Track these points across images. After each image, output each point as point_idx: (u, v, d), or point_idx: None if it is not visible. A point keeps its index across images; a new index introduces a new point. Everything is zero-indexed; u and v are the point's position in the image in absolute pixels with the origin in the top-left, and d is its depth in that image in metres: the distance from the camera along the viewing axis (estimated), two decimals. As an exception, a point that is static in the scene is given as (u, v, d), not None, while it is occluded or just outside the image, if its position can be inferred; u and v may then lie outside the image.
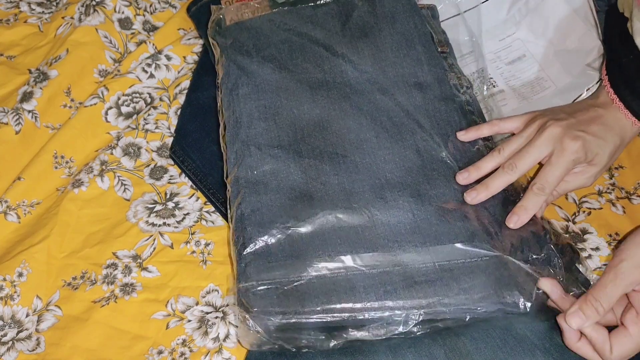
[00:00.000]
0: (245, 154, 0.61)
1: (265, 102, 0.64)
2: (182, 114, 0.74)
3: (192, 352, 0.59)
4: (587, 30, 0.75)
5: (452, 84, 0.67)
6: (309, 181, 0.59)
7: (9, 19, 0.85)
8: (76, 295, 0.62)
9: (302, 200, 0.57)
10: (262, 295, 0.52)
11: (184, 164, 0.70)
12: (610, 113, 0.61)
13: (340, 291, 0.52)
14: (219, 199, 0.67)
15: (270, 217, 0.56)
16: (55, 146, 0.72)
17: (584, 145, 0.58)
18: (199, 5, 0.79)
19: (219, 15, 0.72)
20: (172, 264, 0.64)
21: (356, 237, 0.55)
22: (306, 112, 0.63)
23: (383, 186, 0.58)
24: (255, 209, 0.57)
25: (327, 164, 0.60)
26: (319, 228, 0.56)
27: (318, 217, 0.56)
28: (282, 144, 0.61)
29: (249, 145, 0.61)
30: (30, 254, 0.64)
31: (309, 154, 0.61)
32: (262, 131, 0.62)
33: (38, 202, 0.69)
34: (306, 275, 0.53)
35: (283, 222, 0.56)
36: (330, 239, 0.55)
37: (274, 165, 0.60)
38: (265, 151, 0.61)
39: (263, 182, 0.59)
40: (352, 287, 0.52)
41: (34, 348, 0.60)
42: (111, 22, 0.81)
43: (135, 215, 0.68)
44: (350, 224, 0.56)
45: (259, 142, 0.61)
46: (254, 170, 0.60)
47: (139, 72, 0.77)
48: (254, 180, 0.59)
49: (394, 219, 0.56)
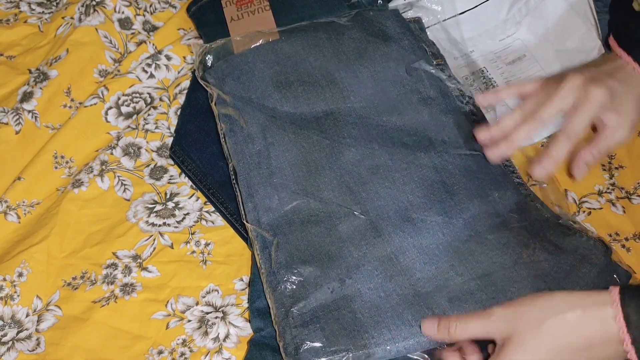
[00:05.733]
0: (263, 197, 0.59)
1: (273, 140, 0.62)
2: (182, 114, 0.74)
3: (192, 352, 0.59)
4: (587, 30, 0.75)
5: (455, 95, 0.66)
6: (332, 215, 0.58)
7: (9, 19, 0.85)
8: (76, 295, 0.62)
9: (329, 235, 0.56)
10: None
11: (184, 164, 0.70)
12: (627, 69, 0.57)
13: (389, 323, 0.52)
14: (219, 199, 0.67)
15: (301, 258, 0.55)
16: (55, 146, 0.72)
17: (608, 90, 0.54)
18: (198, 5, 0.79)
19: (204, 54, 0.69)
20: (172, 264, 0.64)
21: (391, 265, 0.54)
22: (316, 144, 0.62)
23: (407, 208, 0.58)
24: (290, 259, 0.55)
25: (347, 195, 0.59)
26: (354, 266, 0.54)
27: (351, 256, 0.55)
28: (297, 181, 0.60)
29: (266, 187, 0.60)
30: (30, 254, 0.64)
31: (327, 187, 0.59)
32: (276, 170, 0.60)
33: (38, 202, 0.69)
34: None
35: (322, 280, 0.54)
36: (367, 270, 0.54)
37: (293, 203, 0.58)
38: (283, 190, 0.59)
39: (286, 222, 0.58)
40: (400, 314, 0.52)
41: (34, 348, 0.60)
42: (111, 22, 0.81)
43: (135, 215, 0.68)
44: (383, 254, 0.55)
45: (274, 182, 0.60)
46: (274, 212, 0.58)
47: (139, 72, 0.77)
48: (275, 223, 0.58)
49: (425, 240, 0.56)
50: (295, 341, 0.51)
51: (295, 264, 0.55)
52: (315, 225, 0.57)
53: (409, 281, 0.54)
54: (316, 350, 0.50)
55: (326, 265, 0.55)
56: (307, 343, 0.51)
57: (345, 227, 0.57)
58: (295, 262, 0.55)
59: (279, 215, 0.58)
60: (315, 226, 0.57)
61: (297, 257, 0.56)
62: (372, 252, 0.55)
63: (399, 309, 0.52)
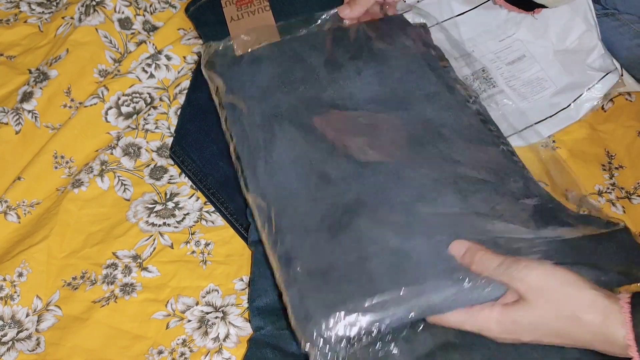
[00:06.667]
0: (263, 171, 0.57)
1: (277, 134, 0.60)
2: (182, 114, 0.74)
3: (192, 352, 0.59)
4: (587, 30, 0.75)
5: (462, 94, 0.66)
6: (343, 180, 0.55)
7: (9, 19, 0.85)
8: (76, 295, 0.62)
9: (342, 196, 0.54)
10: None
11: (184, 164, 0.70)
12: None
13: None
14: (219, 199, 0.67)
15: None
16: (55, 146, 0.72)
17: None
18: (197, 5, 0.79)
19: (210, 53, 0.67)
20: (172, 264, 0.64)
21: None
22: (320, 138, 0.59)
23: (422, 188, 0.55)
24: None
25: (354, 170, 0.56)
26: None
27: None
28: (299, 177, 0.57)
29: (267, 169, 0.57)
30: (30, 254, 0.64)
31: (330, 172, 0.57)
32: (275, 165, 0.58)
33: (38, 202, 0.69)
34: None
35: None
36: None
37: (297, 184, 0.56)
38: (283, 175, 0.57)
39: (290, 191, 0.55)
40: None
41: (34, 348, 0.60)
42: (111, 22, 0.81)
43: (135, 215, 0.68)
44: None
45: (275, 175, 0.57)
46: (275, 184, 0.56)
47: (139, 72, 0.77)
48: (278, 192, 0.55)
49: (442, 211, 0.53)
50: (304, 299, 0.48)
51: (298, 228, 0.52)
52: (324, 187, 0.55)
53: (431, 240, 0.51)
54: (327, 304, 0.47)
55: (336, 230, 0.52)
56: (315, 298, 0.47)
57: (356, 188, 0.54)
58: (298, 226, 0.52)
59: (280, 185, 0.56)
60: (325, 188, 0.54)
61: (301, 223, 0.53)
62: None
63: (422, 268, 0.49)
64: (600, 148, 0.71)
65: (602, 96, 0.73)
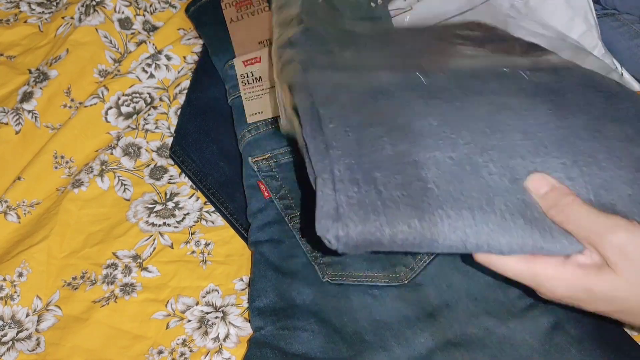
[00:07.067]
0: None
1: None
2: (182, 114, 0.74)
3: (192, 352, 0.59)
4: (587, 30, 0.75)
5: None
6: (405, 86, 0.45)
7: (9, 19, 0.85)
8: (76, 295, 0.63)
9: (401, 107, 0.44)
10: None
11: (184, 164, 0.70)
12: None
13: (473, 204, 0.40)
14: (219, 199, 0.67)
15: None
16: (55, 146, 0.72)
17: None
18: (197, 5, 0.79)
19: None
20: (172, 264, 0.64)
21: (483, 136, 0.42)
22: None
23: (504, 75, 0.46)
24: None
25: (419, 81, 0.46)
26: (431, 133, 0.42)
27: (427, 123, 0.42)
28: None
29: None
30: (30, 254, 0.64)
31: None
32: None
33: (38, 202, 0.69)
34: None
35: (384, 139, 0.41)
36: (450, 138, 0.42)
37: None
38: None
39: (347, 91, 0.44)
40: (489, 199, 0.40)
41: (34, 348, 0.60)
42: (111, 22, 0.81)
43: (135, 215, 0.68)
44: (472, 124, 0.43)
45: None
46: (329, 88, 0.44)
47: (139, 72, 0.77)
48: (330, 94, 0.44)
49: (532, 121, 0.43)
50: (339, 202, 0.38)
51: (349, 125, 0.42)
52: (382, 96, 0.44)
53: (507, 162, 0.41)
54: (366, 217, 0.38)
55: (392, 129, 0.42)
56: (355, 206, 0.38)
57: (422, 104, 0.44)
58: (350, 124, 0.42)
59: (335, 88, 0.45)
60: (382, 98, 0.44)
61: (353, 121, 0.42)
62: (457, 121, 0.43)
63: (489, 192, 0.40)
64: (600, 148, 0.71)
65: (602, 96, 0.73)
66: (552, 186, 0.40)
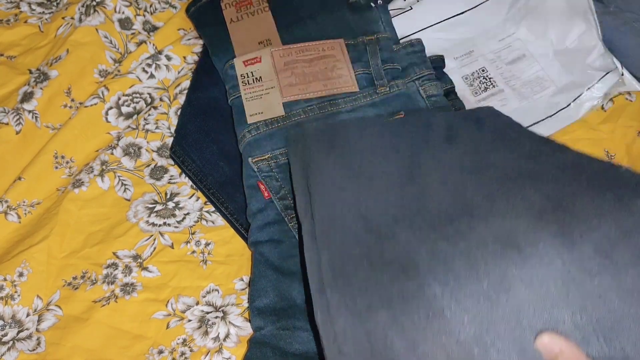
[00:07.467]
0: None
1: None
2: (182, 114, 0.74)
3: (192, 352, 0.59)
4: (587, 30, 0.75)
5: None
6: (411, 251, 0.45)
7: (9, 19, 0.85)
8: (76, 295, 0.63)
9: (406, 273, 0.43)
10: None
11: (184, 164, 0.70)
12: None
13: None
14: (219, 199, 0.68)
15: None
16: (55, 146, 0.72)
17: None
18: (197, 5, 0.79)
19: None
20: (172, 263, 0.64)
21: (488, 306, 0.40)
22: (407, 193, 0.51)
23: (511, 233, 0.43)
24: None
25: (430, 231, 0.46)
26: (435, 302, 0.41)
27: (430, 290, 0.42)
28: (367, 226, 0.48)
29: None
30: (31, 253, 0.64)
31: (405, 228, 0.47)
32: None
33: (38, 202, 0.70)
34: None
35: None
36: (453, 312, 0.40)
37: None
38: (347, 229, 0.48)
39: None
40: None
41: (34, 348, 0.60)
42: (111, 22, 0.81)
43: (136, 215, 0.68)
44: (478, 289, 0.41)
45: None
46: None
47: (139, 72, 0.77)
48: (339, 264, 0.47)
49: (537, 271, 0.41)
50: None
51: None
52: (389, 264, 0.45)
53: (514, 332, 0.39)
54: None
55: (397, 308, 0.42)
56: None
57: (425, 254, 0.44)
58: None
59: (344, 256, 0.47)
60: (388, 265, 0.45)
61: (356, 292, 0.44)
62: (461, 287, 0.41)
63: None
64: (600, 148, 0.71)
65: (602, 96, 0.73)
66: (561, 349, 0.38)
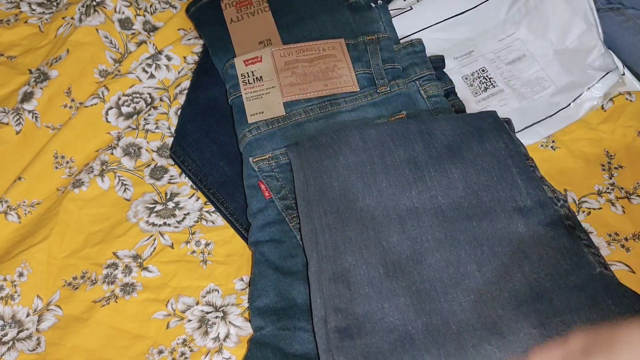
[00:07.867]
0: (333, 294, 0.54)
1: (351, 234, 0.57)
2: (182, 114, 0.74)
3: (192, 352, 0.59)
4: (587, 30, 0.75)
5: (551, 198, 0.60)
6: (407, 323, 0.52)
7: (9, 19, 0.85)
8: (76, 295, 0.63)
9: (403, 345, 0.51)
10: None
11: (184, 164, 0.70)
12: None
13: None
14: (219, 199, 0.68)
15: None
16: (55, 146, 0.72)
17: None
18: (197, 5, 0.80)
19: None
20: (172, 263, 0.64)
21: None
22: (396, 244, 0.56)
23: (496, 322, 0.52)
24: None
25: (426, 302, 0.53)
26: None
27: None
28: (372, 282, 0.54)
29: (337, 284, 0.54)
30: (31, 253, 0.64)
31: (404, 293, 0.54)
32: (350, 267, 0.55)
33: (38, 202, 0.70)
34: None
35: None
36: None
37: (365, 306, 0.53)
38: (355, 290, 0.54)
39: (355, 326, 0.52)
40: None
41: (34, 348, 0.60)
42: (111, 23, 0.81)
43: (136, 215, 0.68)
44: None
45: (348, 279, 0.54)
46: (344, 313, 0.53)
47: (139, 73, 0.77)
48: (344, 325, 0.52)
49: (516, 355, 0.50)
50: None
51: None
52: (388, 333, 0.52)
53: None
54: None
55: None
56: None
57: (422, 337, 0.51)
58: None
59: (349, 316, 0.53)
60: (388, 334, 0.52)
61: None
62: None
63: None
64: (599, 148, 0.72)
65: (602, 96, 0.73)
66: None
